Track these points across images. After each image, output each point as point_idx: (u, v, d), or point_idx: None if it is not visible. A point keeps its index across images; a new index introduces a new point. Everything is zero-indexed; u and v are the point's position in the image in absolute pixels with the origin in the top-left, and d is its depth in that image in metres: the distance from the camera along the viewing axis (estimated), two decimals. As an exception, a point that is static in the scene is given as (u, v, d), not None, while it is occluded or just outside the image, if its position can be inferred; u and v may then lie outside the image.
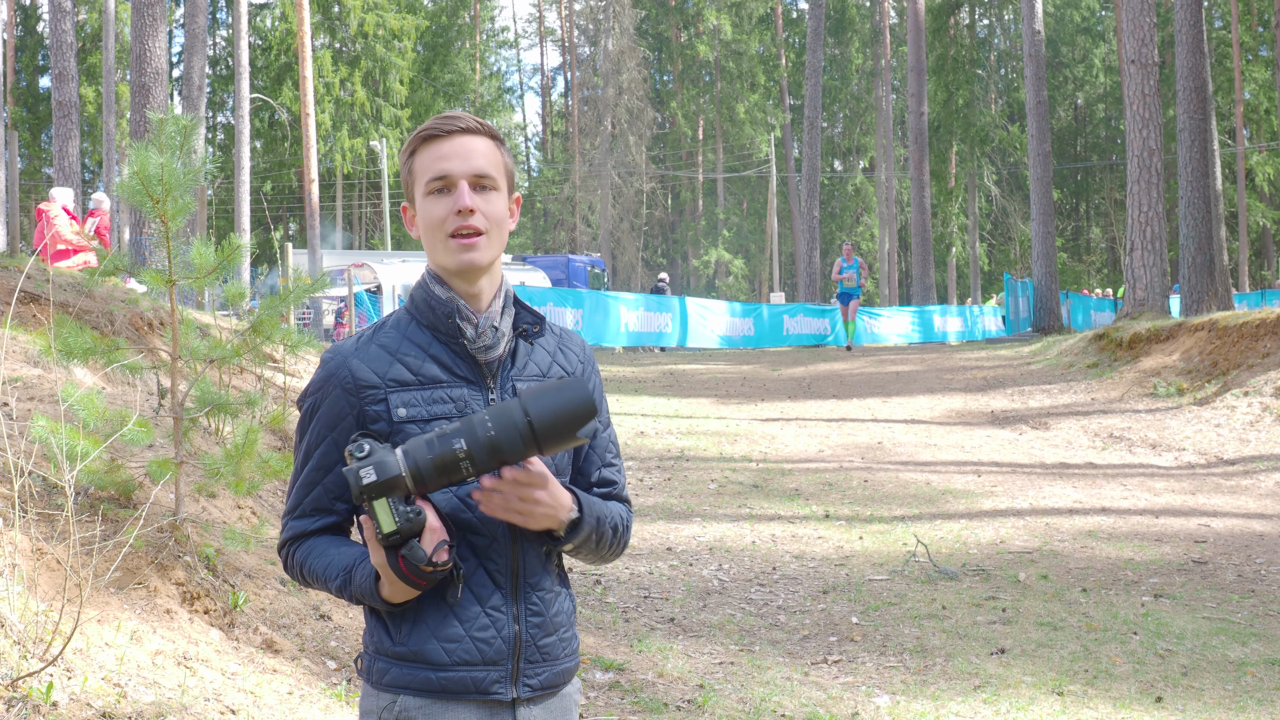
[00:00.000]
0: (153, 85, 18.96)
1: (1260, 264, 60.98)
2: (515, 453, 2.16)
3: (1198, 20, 21.16)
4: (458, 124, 2.34)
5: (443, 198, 2.32)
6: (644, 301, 27.79)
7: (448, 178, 2.31)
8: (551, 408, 2.16)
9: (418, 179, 2.35)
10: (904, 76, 50.52)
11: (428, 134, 2.34)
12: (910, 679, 6.13)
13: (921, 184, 39.05)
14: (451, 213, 2.31)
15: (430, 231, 2.34)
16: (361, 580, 2.23)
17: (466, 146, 2.33)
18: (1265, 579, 8.02)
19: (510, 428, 2.15)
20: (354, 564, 2.26)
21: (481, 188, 2.34)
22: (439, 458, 2.15)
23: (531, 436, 2.15)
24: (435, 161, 2.32)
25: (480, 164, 2.33)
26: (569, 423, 2.17)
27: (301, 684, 5.14)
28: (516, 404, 2.17)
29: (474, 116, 2.36)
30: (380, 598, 2.23)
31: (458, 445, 2.15)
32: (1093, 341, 18.99)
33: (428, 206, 2.34)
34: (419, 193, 2.35)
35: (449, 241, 2.31)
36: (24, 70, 59.99)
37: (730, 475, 11.50)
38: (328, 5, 57.18)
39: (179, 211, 5.58)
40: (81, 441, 4.99)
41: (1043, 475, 11.70)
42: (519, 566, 2.32)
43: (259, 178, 54.69)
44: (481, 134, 2.36)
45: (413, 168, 2.36)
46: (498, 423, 2.15)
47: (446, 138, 2.33)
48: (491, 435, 2.15)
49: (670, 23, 66.14)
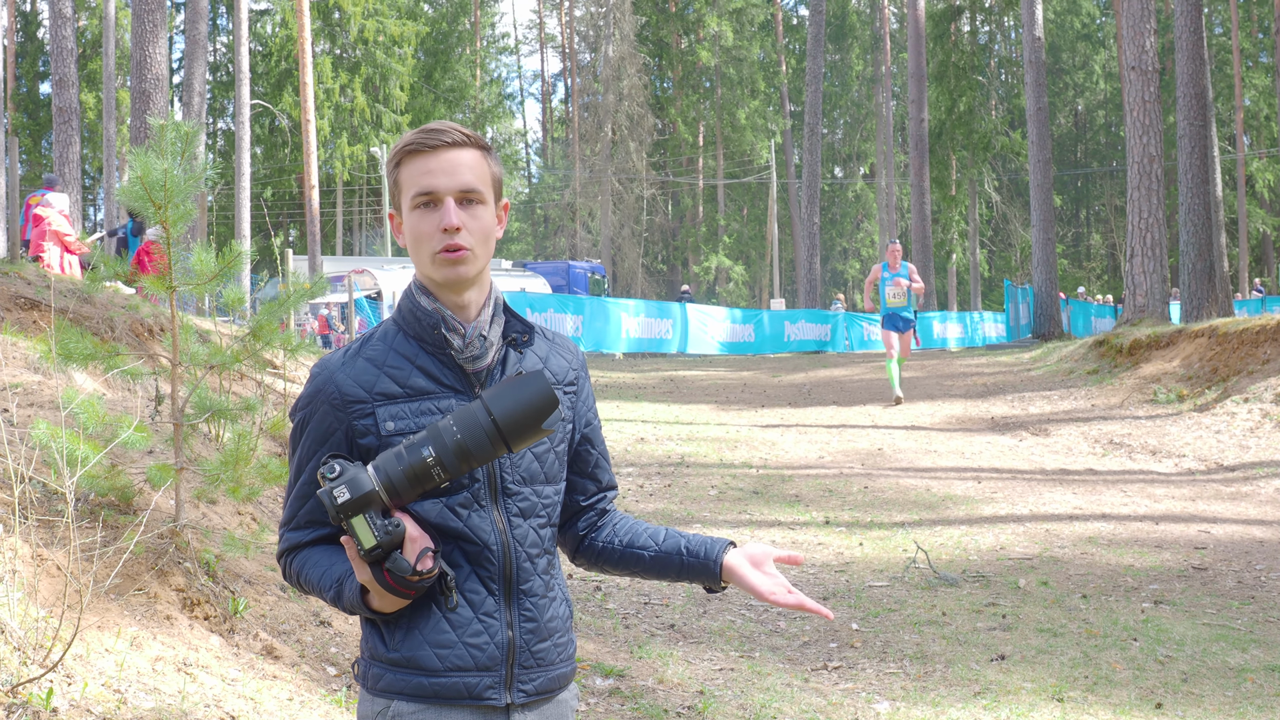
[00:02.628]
0: (153, 91, 19.00)
1: (1260, 270, 60.98)
2: (484, 453, 2.18)
3: (1198, 27, 21.18)
4: (442, 138, 2.31)
5: (429, 213, 2.31)
6: (645, 308, 27.81)
7: (433, 193, 2.30)
8: (513, 404, 2.17)
9: (404, 191, 2.33)
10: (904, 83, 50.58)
11: (412, 148, 2.32)
12: (910, 685, 6.12)
13: (922, 190, 39.06)
14: (438, 230, 2.29)
15: (416, 245, 2.32)
16: (350, 594, 2.25)
17: (452, 161, 2.30)
18: (1265, 585, 8.02)
19: (475, 429, 2.16)
20: (344, 576, 2.28)
21: (468, 202, 2.32)
22: (410, 468, 2.17)
23: (498, 435, 2.17)
24: (421, 176, 2.30)
25: (466, 179, 2.31)
26: (533, 416, 2.18)
27: (302, 690, 5.14)
28: (479, 405, 2.18)
29: (460, 128, 2.33)
30: (370, 609, 2.25)
31: (426, 453, 2.17)
32: (1093, 348, 18.99)
33: (414, 220, 2.32)
34: (405, 205, 2.34)
35: (435, 257, 2.30)
36: (24, 76, 60.06)
37: (730, 481, 11.50)
38: (328, 11, 57.22)
39: (181, 218, 5.58)
40: (81, 447, 4.99)
41: (1043, 481, 11.69)
42: (511, 572, 2.32)
43: (259, 184, 54.69)
44: (468, 146, 2.33)
45: (399, 179, 2.34)
46: (463, 426, 2.17)
47: (431, 153, 2.31)
48: (458, 439, 2.16)
49: (671, 29, 66.15)
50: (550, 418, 2.19)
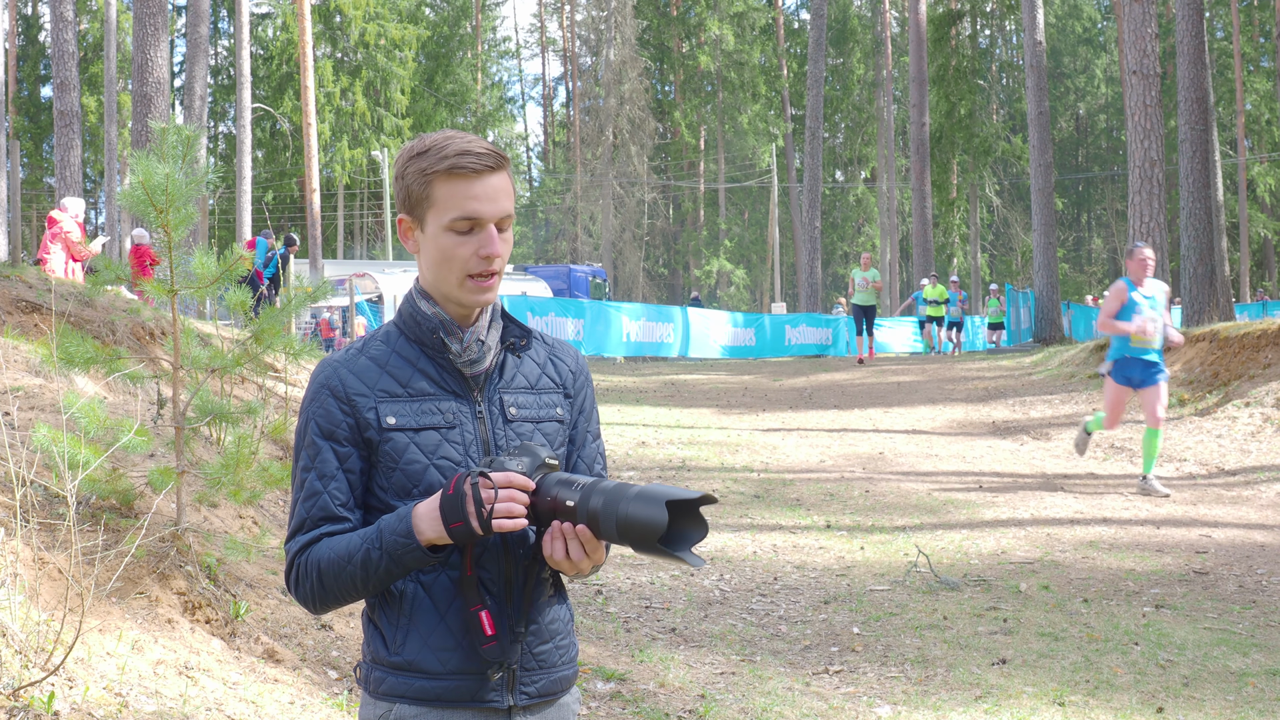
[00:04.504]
0: (154, 95, 19.02)
1: (1261, 275, 61.00)
2: (616, 538, 2.17)
3: (1199, 31, 21.18)
4: (485, 162, 2.27)
5: (467, 238, 2.28)
6: (645, 312, 27.83)
7: (479, 220, 2.27)
8: (650, 533, 2.13)
9: (439, 209, 2.28)
10: (905, 87, 50.62)
11: (457, 169, 2.26)
12: (911, 689, 6.12)
13: (923, 194, 39.09)
14: (476, 255, 2.28)
15: (446, 265, 2.30)
16: (396, 519, 2.20)
17: (494, 187, 2.28)
18: (1266, 590, 8.01)
19: (646, 532, 2.13)
20: (381, 527, 2.22)
21: (502, 228, 2.31)
22: (559, 498, 2.20)
23: (645, 542, 2.14)
24: (466, 201, 2.26)
25: (506, 206, 2.30)
26: (646, 545, 2.15)
27: (303, 694, 5.14)
28: (660, 515, 2.13)
29: (493, 148, 2.30)
30: (414, 536, 2.18)
31: (593, 504, 2.17)
32: (1094, 352, 18.97)
33: (448, 242, 2.28)
34: (438, 224, 2.29)
35: (467, 282, 2.30)
36: (26, 80, 60.15)
37: (732, 485, 11.50)
38: (329, 15, 57.30)
39: (182, 221, 5.59)
40: (83, 451, 4.99)
41: (1044, 486, 11.69)
42: (512, 575, 2.32)
43: (260, 187, 54.76)
44: (502, 168, 2.30)
45: (432, 194, 2.28)
46: (638, 520, 2.13)
47: (476, 177, 2.27)
48: (628, 518, 2.14)
49: (672, 33, 66.25)
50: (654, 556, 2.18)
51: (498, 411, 2.36)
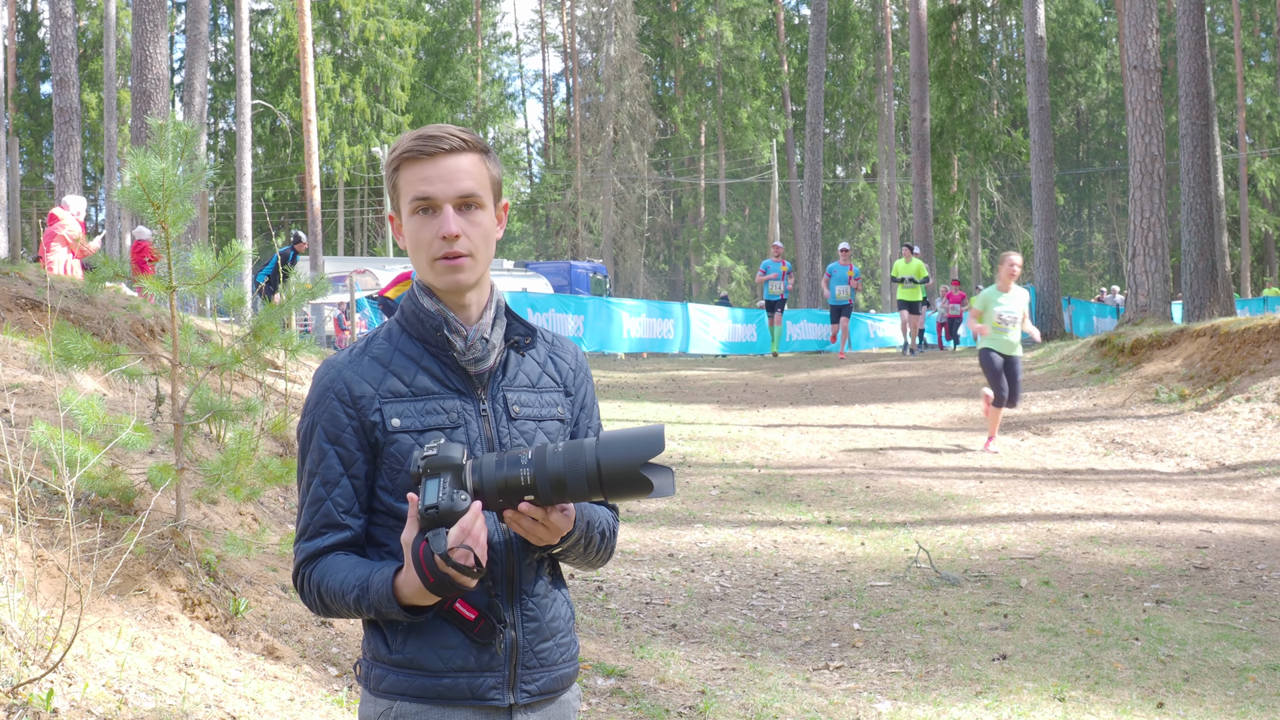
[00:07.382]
0: (154, 91, 18.99)
1: (1262, 270, 60.99)
2: (579, 493, 2.16)
3: (1200, 26, 21.15)
4: (440, 145, 2.29)
5: (428, 219, 2.30)
6: (646, 308, 27.82)
7: (431, 200, 2.29)
8: (623, 459, 2.14)
9: (402, 196, 2.32)
10: (906, 82, 50.56)
11: (409, 154, 2.30)
12: (912, 685, 6.12)
13: (923, 190, 39.03)
14: (436, 236, 2.29)
15: (416, 250, 2.32)
16: (380, 584, 2.21)
17: (450, 168, 2.29)
18: (1267, 585, 8.01)
19: (579, 467, 2.14)
20: (373, 571, 2.23)
21: (466, 207, 2.30)
22: (504, 479, 2.16)
23: (598, 481, 2.14)
24: (419, 183, 2.29)
25: (466, 185, 2.30)
26: (634, 483, 2.15)
27: (303, 690, 5.14)
28: (591, 445, 2.15)
29: (458, 131, 2.31)
30: (396, 600, 2.20)
31: (524, 472, 2.15)
32: (1095, 347, 18.96)
33: (413, 226, 2.31)
34: (404, 209, 2.32)
35: (435, 264, 2.30)
36: (25, 76, 60.09)
37: (732, 481, 11.49)
38: (329, 11, 57.22)
39: (180, 218, 5.58)
40: (81, 448, 4.98)
41: (1045, 481, 11.69)
42: (514, 573, 2.32)
43: (260, 184, 54.70)
44: (466, 151, 2.31)
45: (397, 184, 2.33)
46: (569, 460, 2.14)
47: (429, 159, 2.29)
48: (560, 471, 2.14)
49: (672, 29, 66.17)
50: (654, 490, 2.15)
51: (502, 410, 2.35)
